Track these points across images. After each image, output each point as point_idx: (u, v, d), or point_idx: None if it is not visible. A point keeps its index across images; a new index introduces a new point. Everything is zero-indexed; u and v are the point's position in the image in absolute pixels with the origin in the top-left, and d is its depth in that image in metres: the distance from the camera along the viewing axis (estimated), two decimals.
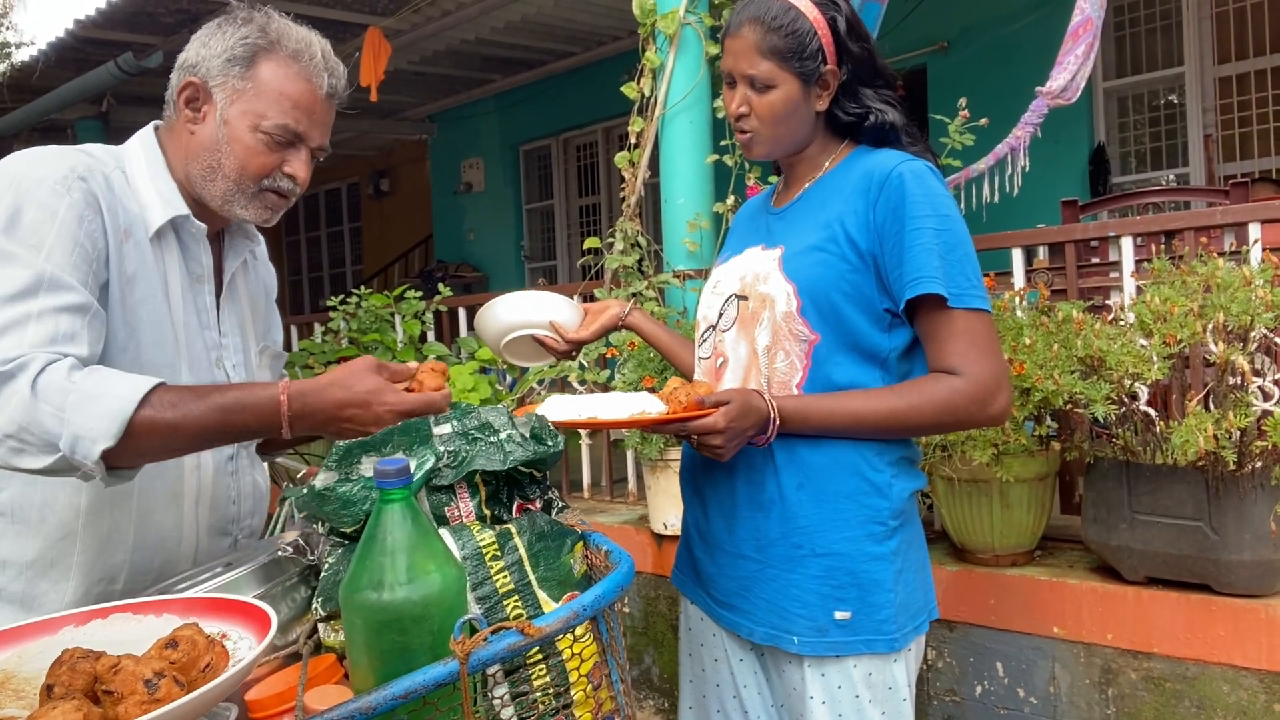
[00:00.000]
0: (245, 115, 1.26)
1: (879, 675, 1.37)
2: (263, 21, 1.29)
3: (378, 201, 11.66)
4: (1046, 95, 3.15)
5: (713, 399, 1.30)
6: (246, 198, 1.30)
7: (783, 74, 1.39)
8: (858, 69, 1.42)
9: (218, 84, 1.27)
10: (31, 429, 1.03)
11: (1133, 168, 5.89)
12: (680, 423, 1.29)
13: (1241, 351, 2.00)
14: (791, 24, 1.37)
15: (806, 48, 1.38)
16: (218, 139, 1.27)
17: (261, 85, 1.26)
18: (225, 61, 1.26)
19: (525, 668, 0.99)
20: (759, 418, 1.32)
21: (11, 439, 1.04)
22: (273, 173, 1.29)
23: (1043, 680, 2.34)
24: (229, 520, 1.39)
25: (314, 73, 1.29)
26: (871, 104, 1.44)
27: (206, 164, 1.28)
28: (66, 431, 1.03)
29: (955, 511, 2.46)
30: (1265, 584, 2.06)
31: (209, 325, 1.35)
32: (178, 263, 1.31)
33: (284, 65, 1.27)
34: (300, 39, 1.30)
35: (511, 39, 7.25)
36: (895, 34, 3.85)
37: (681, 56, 3.38)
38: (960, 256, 1.35)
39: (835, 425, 1.36)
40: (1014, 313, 2.45)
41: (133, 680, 0.74)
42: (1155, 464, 2.15)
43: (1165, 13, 5.64)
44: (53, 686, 0.76)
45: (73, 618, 0.94)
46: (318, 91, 1.29)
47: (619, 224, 3.39)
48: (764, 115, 1.42)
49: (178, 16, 6.27)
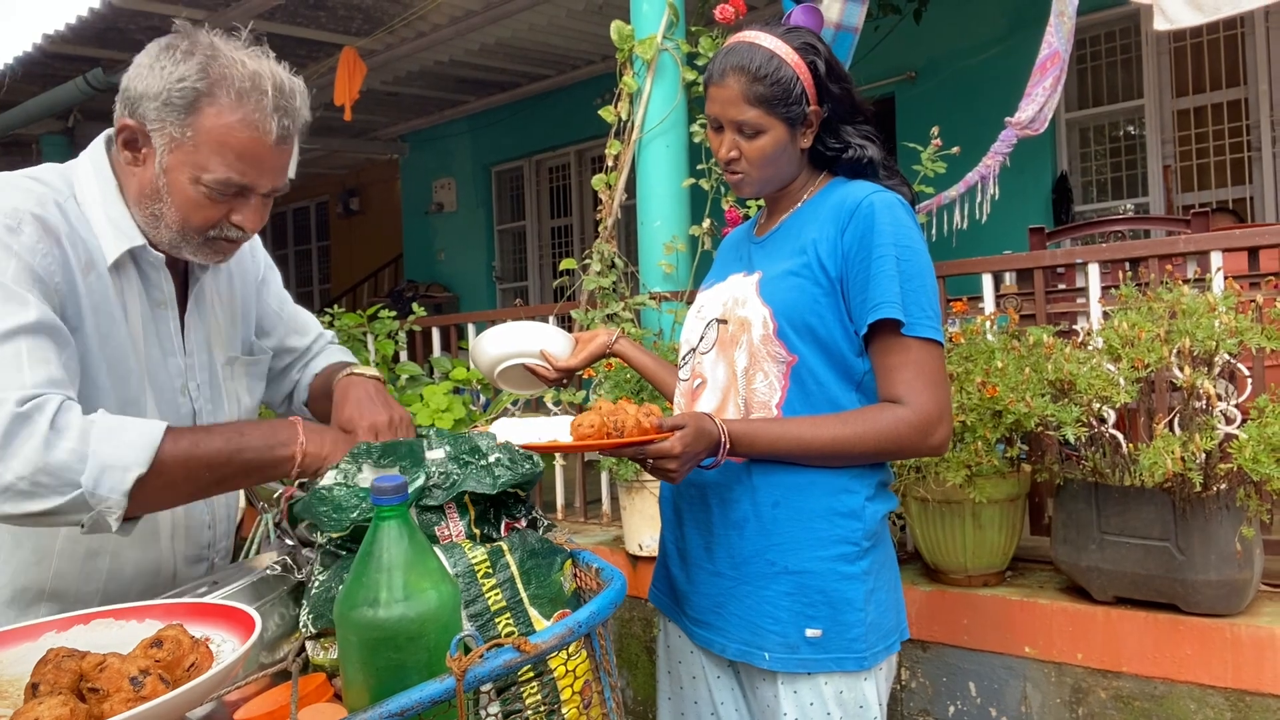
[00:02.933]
0: (185, 167, 1.16)
1: (850, 693, 1.39)
2: (205, 57, 1.15)
3: (347, 220, 11.60)
4: (1015, 126, 3.22)
5: (669, 423, 1.32)
6: (193, 246, 1.23)
7: (770, 120, 1.43)
8: (838, 107, 1.48)
9: (155, 129, 1.15)
10: (50, 469, 1.01)
11: (1094, 197, 6.04)
12: (637, 446, 1.31)
13: (1206, 376, 2.05)
14: (775, 72, 1.41)
15: (791, 93, 1.42)
16: (158, 187, 1.18)
17: (202, 135, 1.14)
18: (162, 105, 1.14)
19: (517, 685, 0.99)
20: (710, 441, 1.35)
21: (24, 480, 1.00)
22: (219, 223, 1.21)
23: (1014, 700, 2.37)
24: (204, 545, 1.37)
25: (261, 119, 1.15)
26: (852, 140, 1.50)
27: (149, 211, 1.20)
28: (91, 465, 1.01)
29: (928, 532, 2.49)
30: (1230, 604, 2.10)
31: (173, 351, 1.30)
32: (138, 291, 1.25)
33: (227, 112, 1.14)
34: (247, 77, 1.15)
35: (486, 61, 7.30)
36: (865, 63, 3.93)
37: (659, 81, 3.42)
38: (918, 287, 1.39)
39: (781, 450, 1.39)
40: (985, 336, 2.50)
41: (118, 677, 0.74)
42: (1123, 485, 2.19)
43: (1125, 47, 5.81)
44: (38, 685, 0.76)
45: (54, 624, 0.93)
46: (266, 139, 1.16)
47: (596, 245, 3.41)
48: (754, 159, 1.46)
49: (149, 33, 6.20)
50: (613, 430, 1.30)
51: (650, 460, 1.33)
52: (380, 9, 6.05)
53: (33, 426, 1.01)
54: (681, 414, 1.38)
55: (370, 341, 4.36)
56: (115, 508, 1.04)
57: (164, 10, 5.82)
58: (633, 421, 1.31)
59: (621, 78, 3.46)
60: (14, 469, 1.00)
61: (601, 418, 1.31)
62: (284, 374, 1.57)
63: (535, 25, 6.46)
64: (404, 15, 6.12)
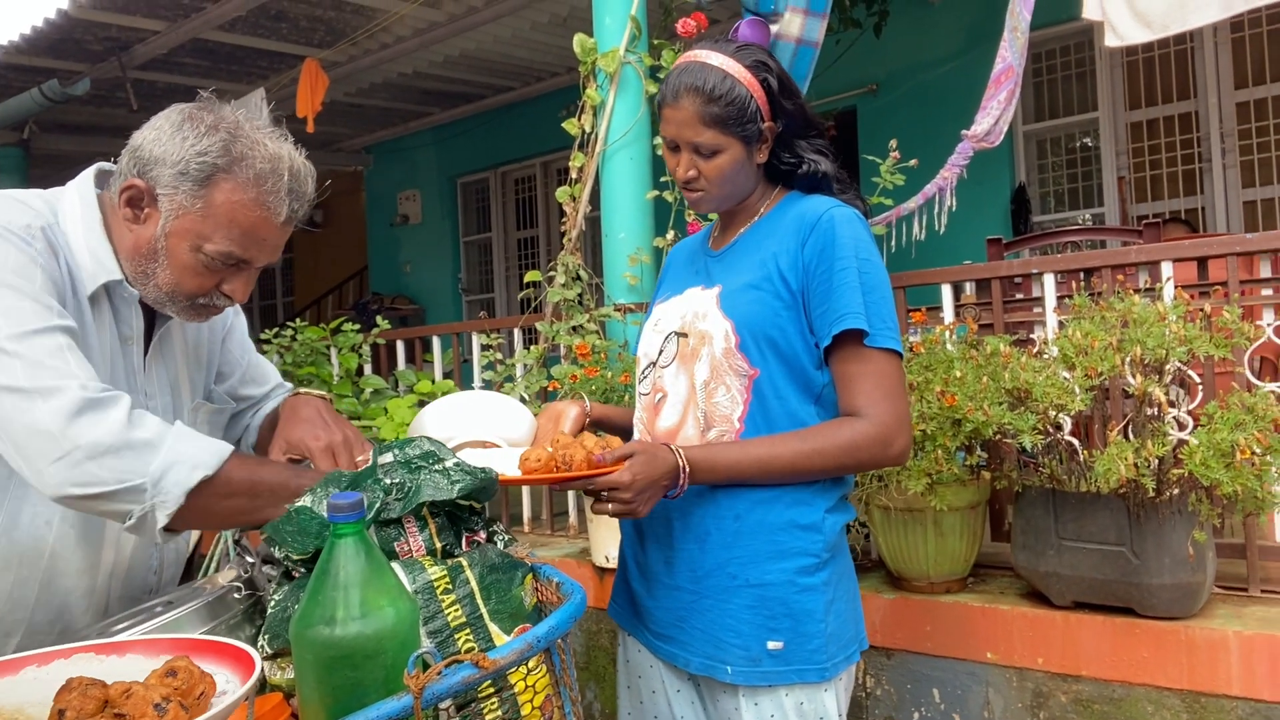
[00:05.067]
0: (188, 234, 1.18)
1: (810, 705, 1.40)
2: (229, 135, 1.18)
3: (310, 233, 11.49)
4: (971, 138, 3.28)
5: (615, 454, 1.30)
6: (179, 307, 1.26)
7: (727, 139, 1.44)
8: (791, 123, 1.49)
9: (165, 194, 1.18)
10: (126, 448, 1.07)
11: (1051, 207, 6.15)
12: (585, 479, 1.29)
13: (1158, 383, 2.10)
14: (729, 92, 1.42)
15: (746, 112, 1.43)
16: (155, 249, 1.20)
17: (212, 208, 1.17)
18: (178, 174, 1.17)
19: (477, 702, 0.99)
20: (668, 468, 1.34)
21: (100, 451, 1.06)
22: (209, 292, 1.24)
23: (977, 705, 2.40)
24: (145, 590, 1.35)
25: (274, 201, 1.20)
26: (805, 154, 1.51)
27: (140, 268, 1.22)
28: (163, 456, 1.08)
29: (891, 540, 2.51)
30: (1184, 606, 2.15)
31: (135, 389, 1.30)
32: (108, 324, 1.26)
33: (242, 190, 1.18)
34: (268, 159, 1.19)
35: (450, 73, 7.28)
36: (827, 75, 3.98)
37: (622, 94, 3.44)
38: (880, 299, 1.42)
39: (744, 472, 1.39)
40: (945, 346, 2.54)
41: (144, 704, 0.78)
42: (1080, 492, 2.23)
43: (1080, 61, 5.93)
44: (64, 711, 0.79)
45: (34, 658, 0.94)
46: (274, 220, 1.21)
47: (560, 258, 3.42)
48: (713, 178, 1.47)
49: (106, 44, 6.15)
50: (561, 464, 1.28)
51: (604, 493, 1.31)
52: (343, 20, 6.02)
53: (112, 410, 1.08)
54: (631, 443, 1.37)
55: (334, 355, 4.32)
56: (171, 503, 1.08)
57: (120, 21, 5.74)
58: (583, 455, 1.29)
59: (585, 91, 3.48)
60: (91, 437, 1.06)
61: (551, 453, 1.29)
62: (237, 419, 1.56)
63: (499, 37, 6.46)
64: (367, 27, 6.10)
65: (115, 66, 6.34)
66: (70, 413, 1.06)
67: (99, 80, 6.62)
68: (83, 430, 1.06)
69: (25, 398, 1.06)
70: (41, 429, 1.06)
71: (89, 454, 1.06)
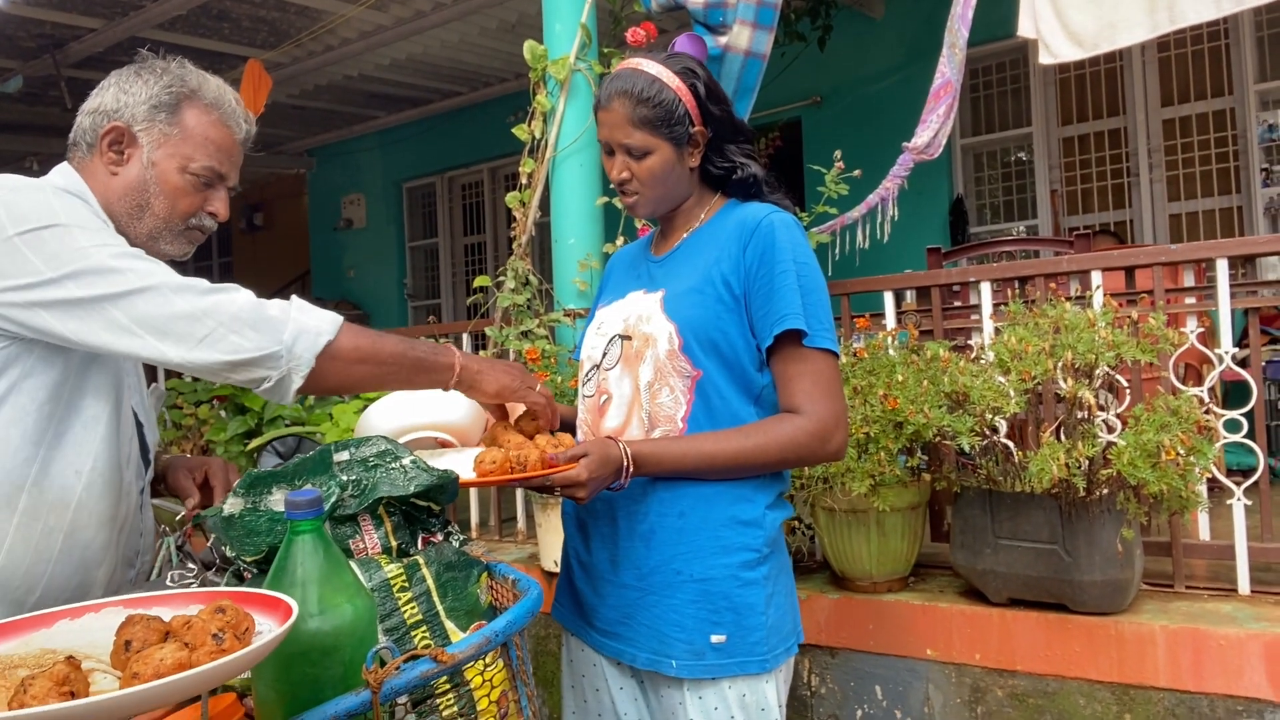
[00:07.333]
0: (173, 158, 1.35)
1: (752, 696, 1.45)
2: (179, 71, 1.38)
3: (250, 236, 11.28)
4: (912, 150, 3.37)
5: (568, 454, 1.35)
6: (173, 234, 1.38)
7: (656, 140, 1.51)
8: (719, 128, 1.56)
9: (143, 129, 1.34)
10: (261, 321, 1.20)
11: (988, 219, 6.33)
12: (542, 478, 1.34)
13: (1088, 387, 2.19)
14: (657, 95, 1.49)
15: (674, 114, 1.50)
16: (145, 180, 1.34)
17: (188, 130, 1.36)
18: (151, 108, 1.34)
19: (434, 698, 1.00)
20: (616, 464, 1.39)
21: (240, 323, 1.19)
22: (198, 212, 1.39)
23: (918, 701, 2.46)
24: (136, 553, 1.41)
25: (233, 121, 1.40)
26: (735, 159, 1.58)
27: (134, 203, 1.35)
28: (292, 326, 1.21)
29: (836, 541, 2.57)
30: (1114, 602, 2.23)
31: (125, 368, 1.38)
32: None
33: (206, 112, 1.37)
34: (216, 87, 1.40)
35: (396, 76, 7.22)
36: (773, 87, 4.05)
37: (572, 101, 3.46)
38: (817, 301, 1.48)
39: (688, 466, 1.44)
40: (887, 351, 2.61)
41: (203, 634, 0.84)
42: (1015, 492, 2.31)
43: (1015, 77, 6.12)
44: (130, 641, 0.86)
45: (66, 612, 0.99)
46: (235, 136, 1.41)
47: (510, 263, 3.42)
48: (645, 179, 1.53)
49: (40, 41, 5.98)
50: (515, 465, 1.32)
51: (559, 489, 1.36)
52: (287, 22, 5.94)
53: (238, 292, 1.22)
54: (584, 442, 1.41)
55: None
56: (304, 366, 1.22)
57: (55, 18, 5.59)
58: (536, 455, 1.34)
59: (535, 97, 3.49)
60: (230, 311, 1.19)
61: (505, 454, 1.33)
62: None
63: (447, 42, 6.43)
64: (311, 29, 6.02)
65: (49, 64, 6.16)
66: (205, 293, 1.20)
67: (32, 78, 6.43)
68: (222, 306, 1.19)
69: (157, 293, 1.18)
70: (184, 313, 1.18)
71: (231, 327, 1.18)
